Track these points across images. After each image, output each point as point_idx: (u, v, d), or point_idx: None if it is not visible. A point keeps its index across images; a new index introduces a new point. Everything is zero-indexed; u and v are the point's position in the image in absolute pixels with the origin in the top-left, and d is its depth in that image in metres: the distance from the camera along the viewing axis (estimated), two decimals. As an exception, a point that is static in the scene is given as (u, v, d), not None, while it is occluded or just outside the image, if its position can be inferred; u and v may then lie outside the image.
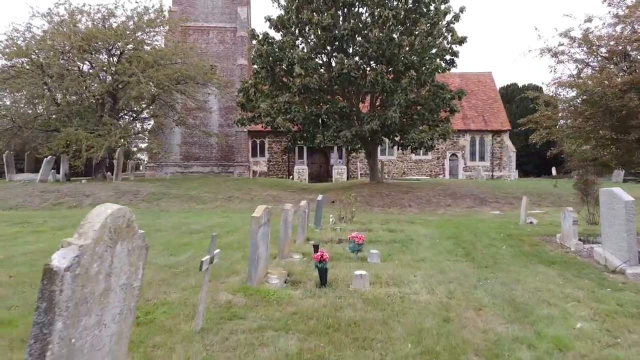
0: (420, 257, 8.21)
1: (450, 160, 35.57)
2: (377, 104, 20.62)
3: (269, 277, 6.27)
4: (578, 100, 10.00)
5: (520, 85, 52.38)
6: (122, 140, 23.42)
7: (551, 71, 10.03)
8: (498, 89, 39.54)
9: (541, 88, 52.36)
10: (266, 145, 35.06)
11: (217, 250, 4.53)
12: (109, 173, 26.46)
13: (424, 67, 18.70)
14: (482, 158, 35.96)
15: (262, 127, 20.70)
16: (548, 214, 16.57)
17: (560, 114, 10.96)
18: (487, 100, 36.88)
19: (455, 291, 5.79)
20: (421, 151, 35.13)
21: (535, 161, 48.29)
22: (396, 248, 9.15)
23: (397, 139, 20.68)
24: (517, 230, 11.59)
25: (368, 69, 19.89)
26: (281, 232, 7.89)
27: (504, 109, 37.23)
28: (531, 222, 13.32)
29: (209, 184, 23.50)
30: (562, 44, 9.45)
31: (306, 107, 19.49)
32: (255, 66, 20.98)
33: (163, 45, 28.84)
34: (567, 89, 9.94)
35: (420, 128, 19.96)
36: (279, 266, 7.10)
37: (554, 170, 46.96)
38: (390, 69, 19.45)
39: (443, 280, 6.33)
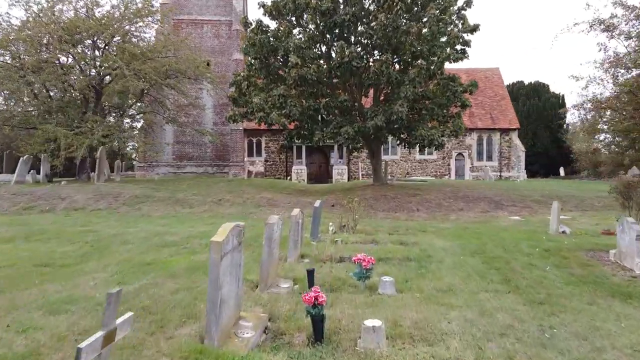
0: (445, 284, 6.25)
1: (456, 160, 33.59)
2: (381, 98, 18.64)
3: (241, 325, 4.31)
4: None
5: (526, 82, 50.49)
6: (105, 138, 21.46)
7: (600, 49, 8.46)
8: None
9: (548, 86, 50.54)
10: (263, 144, 33.11)
11: (127, 316, 2.57)
12: (94, 174, 24.50)
13: (433, 57, 16.73)
14: (489, 158, 33.97)
15: (257, 124, 18.71)
16: (575, 220, 14.62)
17: (613, 101, 8.98)
18: (495, 97, 34.91)
19: (516, 354, 3.82)
20: (426, 150, 33.21)
21: (542, 161, 46.37)
22: (412, 269, 7.20)
23: (403, 136, 18.71)
24: (552, 243, 9.63)
25: (372, 59, 17.92)
26: (264, 254, 5.92)
27: (512, 106, 35.26)
28: (564, 232, 11.36)
29: (199, 185, 21.54)
30: (616, 16, 7.55)
31: (303, 102, 17.52)
32: (248, 57, 19.02)
33: (154, 39, 26.92)
34: (622, 70, 8.01)
35: (430, 125, 17.98)
36: (258, 304, 5.13)
37: (561, 171, 45.07)
38: (397, 59, 17.49)
39: (491, 330, 4.36)
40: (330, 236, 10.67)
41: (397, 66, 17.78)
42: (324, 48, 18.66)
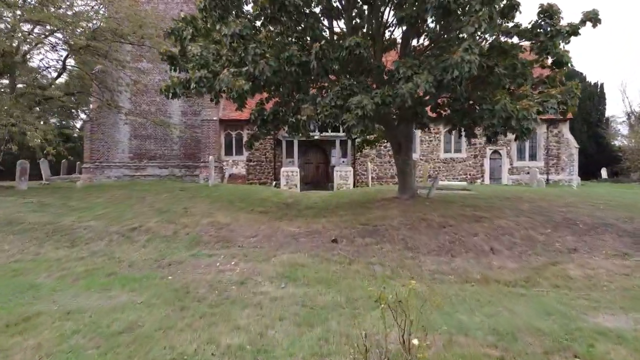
0: None
1: (491, 159, 25.33)
2: (416, 46, 10.48)
3: None
4: None
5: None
6: None
7: None
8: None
9: (584, 75, 42.07)
10: (244, 139, 24.86)
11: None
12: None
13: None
14: (533, 156, 25.69)
15: (197, 94, 10.25)
16: None
17: None
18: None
19: None
20: (452, 147, 25.06)
21: (580, 160, 37.90)
22: None
23: (456, 116, 10.42)
24: None
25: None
26: None
27: (560, 91, 26.94)
28: None
29: (126, 198, 13.36)
30: None
31: (281, 54, 9.20)
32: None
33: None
34: None
35: (508, 98, 9.65)
36: None
37: (604, 172, 36.70)
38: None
39: None
40: None
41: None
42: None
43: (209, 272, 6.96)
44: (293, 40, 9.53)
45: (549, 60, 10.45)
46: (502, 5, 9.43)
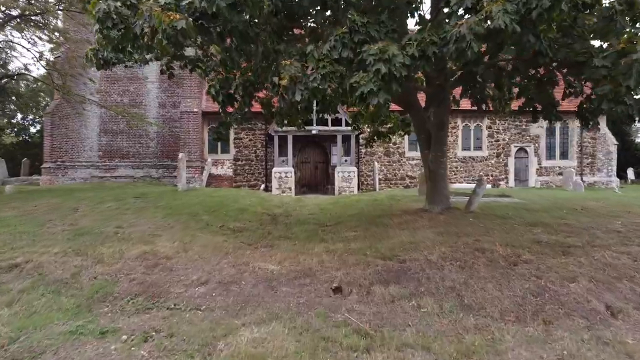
0: None
1: (516, 158, 21.53)
2: None
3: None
4: None
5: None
6: None
7: None
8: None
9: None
10: (232, 136, 21.09)
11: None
12: None
13: None
14: (564, 155, 21.90)
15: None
16: None
17: None
18: (569, 67, 22.80)
19: None
20: (472, 142, 21.17)
21: (604, 160, 34.10)
22: None
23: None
24: None
25: None
26: None
27: (594, 80, 23.17)
28: None
29: (51, 209, 9.59)
30: None
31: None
32: None
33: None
34: None
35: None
36: None
37: (630, 172, 32.81)
38: None
39: None
40: None
41: None
42: None
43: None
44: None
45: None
46: None
